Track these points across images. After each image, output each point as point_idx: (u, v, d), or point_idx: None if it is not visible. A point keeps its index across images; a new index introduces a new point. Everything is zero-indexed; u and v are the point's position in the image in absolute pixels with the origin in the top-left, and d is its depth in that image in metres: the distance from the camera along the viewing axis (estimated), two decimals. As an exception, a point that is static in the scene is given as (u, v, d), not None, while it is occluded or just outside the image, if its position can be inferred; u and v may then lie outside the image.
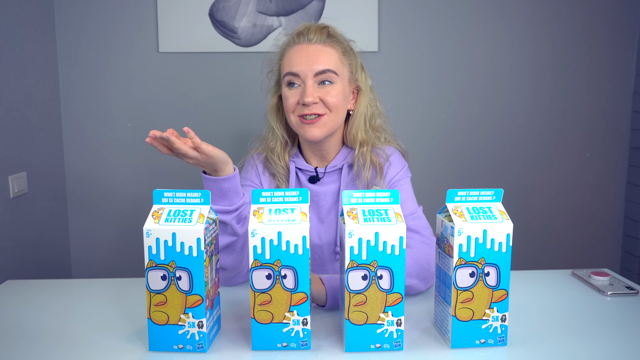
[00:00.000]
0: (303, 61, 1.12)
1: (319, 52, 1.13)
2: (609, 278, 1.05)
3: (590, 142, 2.03)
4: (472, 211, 0.80)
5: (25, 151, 1.65)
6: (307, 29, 1.15)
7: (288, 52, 1.15)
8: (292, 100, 1.13)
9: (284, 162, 1.20)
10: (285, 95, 1.14)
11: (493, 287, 0.79)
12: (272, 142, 1.21)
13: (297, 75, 1.12)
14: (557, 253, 2.08)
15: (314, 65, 1.11)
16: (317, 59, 1.12)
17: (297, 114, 1.13)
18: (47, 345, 0.82)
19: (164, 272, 0.77)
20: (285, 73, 1.14)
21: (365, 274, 0.76)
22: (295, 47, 1.14)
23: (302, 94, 1.11)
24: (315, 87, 1.12)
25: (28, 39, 1.67)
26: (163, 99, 1.90)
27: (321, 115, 1.12)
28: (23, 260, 1.64)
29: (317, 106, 1.11)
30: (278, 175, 1.20)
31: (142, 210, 1.88)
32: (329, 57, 1.13)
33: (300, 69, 1.11)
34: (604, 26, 1.96)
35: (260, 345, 0.79)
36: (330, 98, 1.12)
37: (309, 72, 1.11)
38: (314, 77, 1.11)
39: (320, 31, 1.15)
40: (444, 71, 1.95)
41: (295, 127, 1.15)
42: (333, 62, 1.13)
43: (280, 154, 1.19)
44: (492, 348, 0.80)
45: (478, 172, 2.01)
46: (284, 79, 1.14)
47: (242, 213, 1.02)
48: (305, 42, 1.14)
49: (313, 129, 1.12)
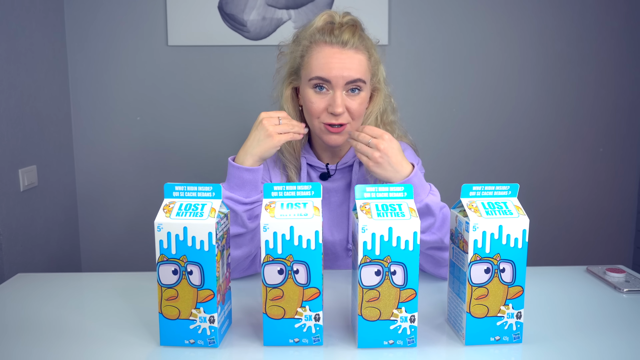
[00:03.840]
0: (336, 68, 1.06)
1: (352, 59, 1.07)
2: (624, 275, 1.04)
3: (603, 137, 2.00)
4: (488, 206, 0.78)
5: (35, 144, 1.65)
6: (340, 29, 1.09)
7: (318, 52, 1.08)
8: (320, 106, 1.08)
9: (297, 154, 1.19)
10: (311, 98, 1.09)
11: (508, 284, 0.77)
12: None
13: (328, 82, 1.07)
14: (569, 249, 2.06)
15: (347, 72, 1.06)
16: (350, 67, 1.07)
17: (323, 121, 1.09)
18: (57, 338, 0.81)
19: (175, 266, 0.76)
20: (314, 76, 1.08)
21: (378, 270, 0.75)
22: (327, 50, 1.08)
23: (332, 102, 1.07)
24: (344, 96, 1.08)
25: (38, 33, 1.67)
26: (172, 93, 1.89)
27: (345, 124, 1.09)
28: (33, 254, 1.65)
29: (343, 115, 1.08)
30: (291, 167, 1.18)
31: (151, 204, 1.88)
32: (360, 65, 1.08)
33: (333, 76, 1.06)
34: (616, 20, 1.93)
35: (272, 340, 0.78)
36: (355, 107, 1.09)
37: (341, 80, 1.06)
38: (344, 85, 1.07)
39: (353, 33, 1.09)
40: (455, 64, 1.93)
41: (317, 131, 1.12)
42: (363, 70, 1.09)
43: (294, 145, 1.17)
44: (507, 345, 0.79)
45: (489, 167, 1.99)
46: (311, 81, 1.09)
47: (256, 210, 1.02)
48: (339, 45, 1.07)
49: (336, 137, 1.10)
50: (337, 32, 1.08)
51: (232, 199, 1.00)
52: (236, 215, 1.01)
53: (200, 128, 1.91)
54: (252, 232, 1.03)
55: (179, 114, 1.90)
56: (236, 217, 1.01)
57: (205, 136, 1.91)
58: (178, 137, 1.92)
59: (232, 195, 1.00)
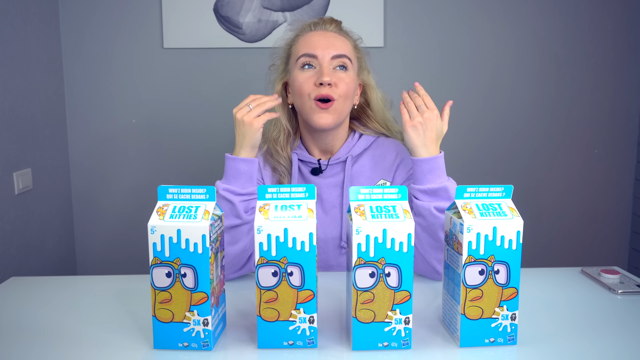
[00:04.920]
0: (321, 44, 1.13)
1: (336, 38, 1.16)
2: (619, 276, 1.04)
3: (598, 138, 2.01)
4: (482, 208, 0.78)
5: (30, 147, 1.65)
6: (322, 20, 1.19)
7: (304, 37, 1.16)
8: (309, 83, 1.12)
9: (286, 154, 1.19)
10: (299, 78, 1.13)
11: (503, 285, 0.77)
12: (275, 133, 1.20)
13: (314, 57, 1.12)
14: (564, 250, 2.06)
15: (332, 48, 1.13)
16: (335, 44, 1.14)
17: (313, 96, 1.11)
18: (51, 342, 0.81)
19: (169, 269, 0.76)
20: (301, 54, 1.13)
21: (372, 272, 0.75)
22: (312, 32, 1.16)
23: (319, 74, 1.11)
24: (331, 70, 1.12)
25: (32, 35, 1.66)
26: (168, 95, 1.89)
27: (333, 100, 1.11)
28: (28, 257, 1.64)
29: (332, 89, 1.11)
30: (279, 169, 1.19)
31: (146, 207, 1.87)
32: (345, 44, 1.16)
33: (319, 51, 1.12)
34: (612, 21, 1.93)
35: (266, 343, 0.78)
36: (343, 84, 1.12)
37: (327, 54, 1.12)
38: (330, 60, 1.12)
39: (335, 22, 1.19)
40: (449, 67, 1.93)
41: (307, 111, 1.13)
42: (348, 49, 1.16)
43: (283, 145, 1.19)
44: (502, 347, 0.79)
45: (484, 169, 1.99)
46: (298, 61, 1.13)
47: (251, 202, 1.06)
48: (322, 29, 1.17)
49: (326, 116, 1.11)
50: (321, 22, 1.18)
51: (229, 190, 1.04)
52: (232, 205, 1.03)
53: (195, 130, 1.91)
54: (248, 224, 1.05)
55: (175, 116, 1.90)
56: (232, 208, 1.04)
57: (200, 139, 1.91)
58: (173, 139, 1.92)
59: (229, 187, 1.04)
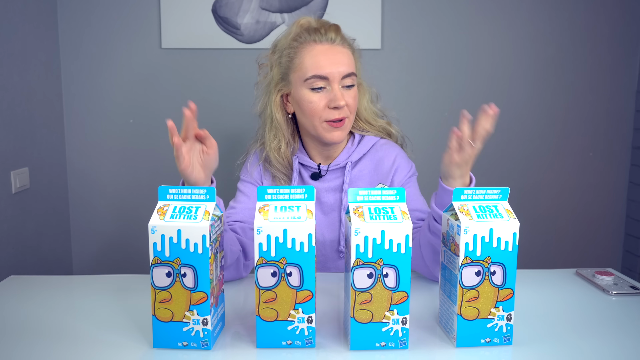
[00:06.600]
0: (331, 64, 1.10)
1: (342, 54, 1.12)
2: (613, 278, 1.05)
3: (592, 141, 2.03)
4: (479, 210, 0.79)
5: (27, 147, 1.65)
6: (324, 27, 1.13)
7: (309, 51, 1.11)
8: (320, 105, 1.11)
9: (286, 162, 1.19)
10: (310, 99, 1.11)
11: (499, 286, 0.79)
12: (276, 143, 1.18)
13: (325, 79, 1.10)
14: (559, 252, 2.07)
15: (341, 67, 1.10)
16: (342, 62, 1.11)
17: (325, 119, 1.11)
18: (49, 341, 0.81)
19: (169, 268, 0.76)
20: (310, 75, 1.10)
21: (370, 272, 0.76)
22: (317, 47, 1.11)
23: (333, 98, 1.09)
24: (341, 89, 1.11)
25: (30, 35, 1.66)
26: (165, 95, 1.89)
27: (344, 118, 1.12)
28: (24, 256, 1.64)
29: (344, 109, 1.11)
30: (279, 177, 1.19)
31: (143, 207, 1.87)
32: (349, 59, 1.13)
33: (330, 72, 1.09)
34: (607, 25, 1.95)
35: (265, 342, 0.78)
36: (352, 101, 1.12)
37: (337, 75, 1.10)
38: (340, 80, 1.11)
39: (336, 30, 1.13)
40: (446, 69, 1.94)
41: (318, 130, 1.13)
42: (352, 64, 1.13)
43: (284, 154, 1.18)
44: (498, 347, 0.80)
45: (480, 171, 1.99)
46: (307, 82, 1.11)
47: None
48: (328, 42, 1.12)
49: (338, 133, 1.12)
50: (323, 30, 1.12)
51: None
52: None
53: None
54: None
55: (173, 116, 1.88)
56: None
57: (198, 139, 1.91)
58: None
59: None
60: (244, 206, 1.17)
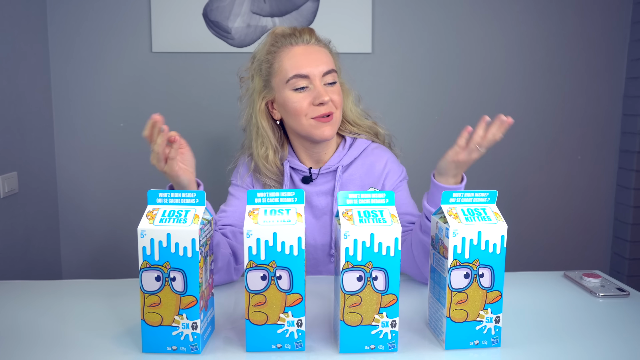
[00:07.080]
0: (310, 62, 1.12)
1: (319, 52, 1.14)
2: (600, 280, 1.06)
3: (581, 144, 2.05)
4: (467, 212, 0.80)
5: (16, 151, 1.64)
6: (298, 31, 1.16)
7: (287, 54, 1.13)
8: (304, 104, 1.12)
9: (276, 168, 1.19)
10: (293, 99, 1.12)
11: (487, 289, 0.79)
12: (263, 150, 1.18)
13: (306, 77, 1.11)
14: (547, 254, 2.09)
15: (320, 66, 1.12)
16: (321, 59, 1.13)
17: (311, 116, 1.12)
18: (37, 347, 0.81)
19: (158, 272, 0.76)
20: (291, 76, 1.11)
21: (360, 275, 0.76)
22: (295, 49, 1.13)
23: (316, 95, 1.11)
24: (324, 87, 1.13)
25: (20, 38, 1.65)
26: (156, 99, 1.89)
27: (331, 113, 1.13)
28: (13, 261, 1.63)
29: (329, 104, 1.12)
30: (270, 184, 1.19)
31: (133, 211, 1.86)
32: (328, 58, 1.15)
33: (310, 71, 1.11)
34: (595, 30, 1.98)
35: (255, 346, 0.78)
36: (336, 96, 1.14)
37: (317, 72, 1.12)
38: (321, 78, 1.12)
39: (310, 32, 1.16)
40: (437, 73, 1.96)
41: (306, 129, 1.13)
42: (330, 61, 1.15)
43: (272, 161, 1.18)
44: (486, 349, 0.80)
45: (470, 174, 2.00)
46: (289, 83, 1.12)
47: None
48: (304, 43, 1.14)
49: (328, 128, 1.13)
50: (298, 33, 1.15)
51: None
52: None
53: (183, 134, 1.89)
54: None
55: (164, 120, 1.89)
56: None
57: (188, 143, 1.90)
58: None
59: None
60: (234, 209, 1.17)
